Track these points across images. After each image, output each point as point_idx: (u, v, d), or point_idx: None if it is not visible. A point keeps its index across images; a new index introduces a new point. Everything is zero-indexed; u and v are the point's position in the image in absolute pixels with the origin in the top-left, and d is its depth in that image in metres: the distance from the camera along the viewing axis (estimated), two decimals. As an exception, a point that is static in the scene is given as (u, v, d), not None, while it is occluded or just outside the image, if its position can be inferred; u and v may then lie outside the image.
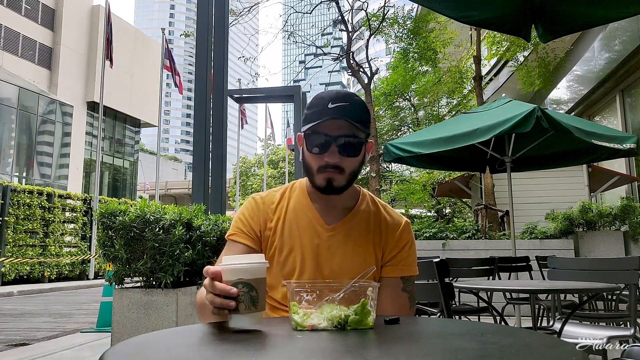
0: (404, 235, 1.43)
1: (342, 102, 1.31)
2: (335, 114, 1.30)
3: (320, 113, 1.31)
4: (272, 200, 1.45)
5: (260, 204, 1.44)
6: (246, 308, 0.98)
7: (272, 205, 1.44)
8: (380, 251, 1.41)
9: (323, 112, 1.31)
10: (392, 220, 1.44)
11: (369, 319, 1.02)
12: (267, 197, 1.46)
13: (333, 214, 1.41)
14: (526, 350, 0.83)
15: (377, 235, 1.41)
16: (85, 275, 15.45)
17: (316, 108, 1.33)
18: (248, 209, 1.44)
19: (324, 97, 1.34)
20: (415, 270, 1.44)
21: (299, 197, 1.44)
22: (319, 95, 1.36)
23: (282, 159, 36.47)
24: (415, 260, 1.46)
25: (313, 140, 1.33)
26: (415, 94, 18.76)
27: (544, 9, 2.65)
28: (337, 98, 1.32)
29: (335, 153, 1.31)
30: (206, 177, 4.92)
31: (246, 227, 1.41)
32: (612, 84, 9.21)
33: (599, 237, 7.13)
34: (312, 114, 1.34)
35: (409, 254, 1.43)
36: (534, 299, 3.13)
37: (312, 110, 1.34)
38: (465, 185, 11.51)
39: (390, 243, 1.41)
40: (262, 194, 1.48)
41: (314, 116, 1.33)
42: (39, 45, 25.33)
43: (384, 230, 1.42)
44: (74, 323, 6.85)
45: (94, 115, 27.21)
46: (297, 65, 20.56)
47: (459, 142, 4.54)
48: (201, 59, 5.06)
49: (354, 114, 1.31)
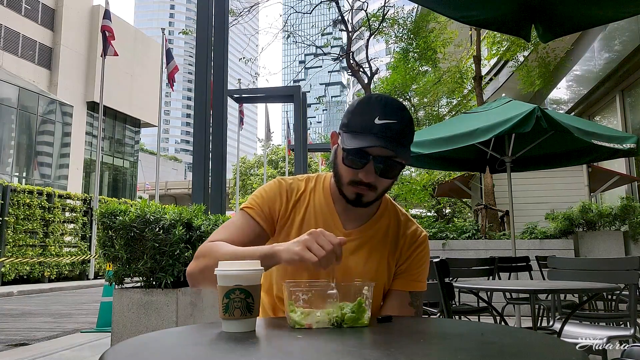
0: (420, 251, 1.39)
1: (391, 118, 1.21)
2: (380, 132, 1.20)
3: (364, 126, 1.21)
4: (298, 188, 1.39)
5: (284, 189, 1.38)
6: (242, 314, 0.99)
7: (296, 196, 1.38)
8: (394, 262, 1.37)
9: (368, 126, 1.21)
10: (411, 234, 1.40)
11: (365, 317, 1.03)
12: (293, 184, 1.40)
13: (353, 219, 1.36)
14: (526, 350, 0.83)
15: (394, 247, 1.37)
16: (85, 275, 15.44)
17: (361, 117, 1.23)
18: (273, 190, 1.38)
19: (372, 105, 1.23)
20: (425, 286, 1.41)
21: (320, 195, 1.38)
22: (368, 101, 1.25)
23: (282, 159, 36.46)
24: (426, 277, 1.43)
25: (350, 153, 1.23)
26: (415, 94, 18.75)
27: (544, 9, 2.65)
28: (386, 113, 1.21)
29: (372, 172, 1.23)
30: (206, 177, 4.91)
31: (265, 207, 1.35)
32: (612, 84, 9.21)
33: (599, 237, 7.12)
34: (356, 121, 1.24)
35: (422, 270, 1.40)
36: (534, 299, 3.13)
37: (356, 117, 1.25)
38: (465, 185, 11.51)
39: (404, 256, 1.38)
40: (288, 180, 1.42)
41: (357, 126, 1.23)
42: (39, 45, 25.32)
43: (401, 243, 1.38)
44: (74, 323, 6.84)
45: (94, 115, 27.20)
46: (297, 65, 20.57)
47: (459, 142, 4.54)
48: (201, 59, 5.06)
49: (399, 135, 1.21)
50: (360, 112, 1.24)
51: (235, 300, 0.98)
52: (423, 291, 1.41)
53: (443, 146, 4.66)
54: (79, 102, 26.58)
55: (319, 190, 1.39)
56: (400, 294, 1.37)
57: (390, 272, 1.37)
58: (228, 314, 0.99)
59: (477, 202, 10.68)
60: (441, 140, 4.68)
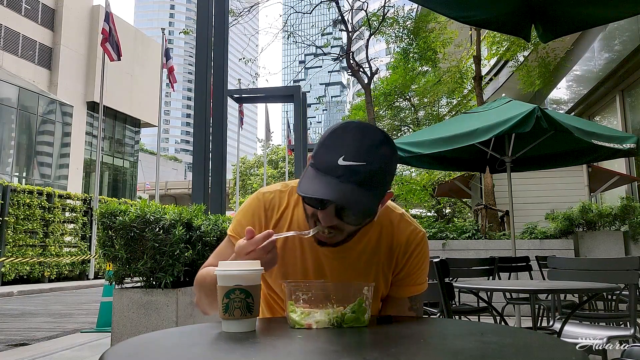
0: (418, 253, 1.30)
1: (358, 160, 1.04)
2: (343, 175, 1.04)
3: (327, 165, 1.06)
4: (280, 204, 1.32)
5: (263, 208, 1.32)
6: (242, 314, 0.99)
7: (277, 214, 1.31)
8: (391, 271, 1.30)
9: (331, 166, 1.05)
10: (406, 239, 1.29)
11: (365, 317, 1.03)
12: (274, 200, 1.32)
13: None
14: (526, 350, 0.83)
15: (388, 256, 1.29)
16: (85, 275, 15.44)
17: (328, 152, 1.07)
18: (252, 211, 1.33)
19: (343, 139, 1.07)
20: (425, 286, 1.35)
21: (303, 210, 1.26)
22: (342, 132, 1.08)
23: (282, 159, 36.46)
24: (426, 276, 1.35)
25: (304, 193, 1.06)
26: (415, 94, 18.77)
27: (544, 9, 2.65)
28: (354, 152, 1.04)
29: (332, 216, 1.10)
30: (206, 177, 4.91)
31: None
32: (612, 84, 9.21)
33: (599, 237, 7.12)
34: (321, 156, 1.08)
35: (421, 272, 1.33)
36: (534, 299, 3.13)
37: (323, 151, 1.09)
38: (465, 185, 11.51)
39: (400, 264, 1.30)
40: (269, 195, 1.33)
41: (321, 162, 1.08)
42: (39, 45, 25.32)
43: (397, 251, 1.29)
44: (74, 323, 6.84)
45: (94, 115, 27.21)
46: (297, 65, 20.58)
47: (459, 142, 4.54)
48: (201, 59, 5.06)
49: (366, 180, 1.05)
50: (327, 146, 1.08)
51: (235, 300, 0.98)
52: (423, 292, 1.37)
53: (443, 146, 4.66)
54: (79, 102, 26.58)
55: (301, 205, 1.27)
56: (399, 300, 1.33)
57: (387, 281, 1.31)
58: (228, 314, 0.99)
59: (477, 202, 10.68)
60: (441, 140, 4.68)
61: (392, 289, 1.33)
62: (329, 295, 1.06)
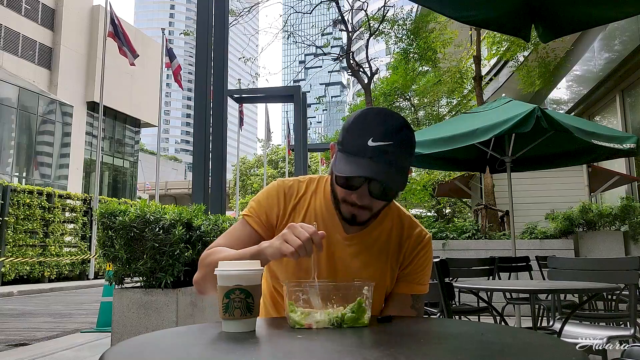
0: (424, 253, 1.38)
1: (386, 140, 1.15)
2: (374, 155, 1.15)
3: (358, 148, 1.16)
4: (298, 191, 1.38)
5: (283, 192, 1.37)
6: (242, 314, 0.99)
7: (295, 199, 1.37)
8: (397, 266, 1.37)
9: (361, 148, 1.15)
10: (415, 237, 1.38)
11: (365, 317, 1.03)
12: (293, 186, 1.38)
13: None
14: (526, 350, 0.83)
15: (397, 250, 1.36)
16: (85, 275, 15.44)
17: (356, 136, 1.17)
18: (271, 195, 1.37)
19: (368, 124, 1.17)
20: (426, 289, 1.41)
21: (321, 198, 1.36)
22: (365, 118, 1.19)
23: (282, 159, 36.46)
24: (429, 279, 1.42)
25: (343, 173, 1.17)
26: (416, 94, 18.77)
27: (544, 9, 2.65)
28: (381, 133, 1.15)
29: (366, 195, 1.20)
30: (206, 177, 4.92)
31: (262, 214, 1.35)
32: (612, 84, 9.21)
33: (599, 237, 7.13)
34: (350, 141, 1.19)
35: (425, 273, 1.39)
36: (534, 299, 3.13)
37: (350, 136, 1.19)
38: (465, 185, 11.52)
39: (407, 259, 1.37)
40: (289, 182, 1.40)
41: (350, 146, 1.18)
42: (39, 45, 25.32)
43: (405, 246, 1.36)
44: (74, 323, 6.84)
45: (94, 115, 27.19)
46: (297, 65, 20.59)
47: (459, 142, 4.54)
48: (201, 59, 5.06)
49: (395, 158, 1.16)
50: (354, 131, 1.19)
51: (235, 300, 0.98)
52: (424, 293, 1.41)
53: (443, 146, 4.65)
54: (79, 102, 26.58)
55: (320, 193, 1.37)
56: (402, 297, 1.37)
57: (393, 275, 1.36)
58: (228, 314, 0.99)
59: (477, 202, 10.68)
60: (441, 140, 4.68)
61: (397, 285, 1.38)
62: (329, 295, 1.06)
